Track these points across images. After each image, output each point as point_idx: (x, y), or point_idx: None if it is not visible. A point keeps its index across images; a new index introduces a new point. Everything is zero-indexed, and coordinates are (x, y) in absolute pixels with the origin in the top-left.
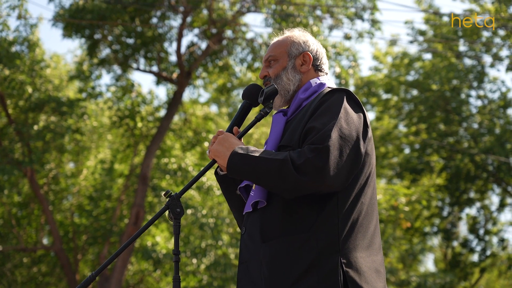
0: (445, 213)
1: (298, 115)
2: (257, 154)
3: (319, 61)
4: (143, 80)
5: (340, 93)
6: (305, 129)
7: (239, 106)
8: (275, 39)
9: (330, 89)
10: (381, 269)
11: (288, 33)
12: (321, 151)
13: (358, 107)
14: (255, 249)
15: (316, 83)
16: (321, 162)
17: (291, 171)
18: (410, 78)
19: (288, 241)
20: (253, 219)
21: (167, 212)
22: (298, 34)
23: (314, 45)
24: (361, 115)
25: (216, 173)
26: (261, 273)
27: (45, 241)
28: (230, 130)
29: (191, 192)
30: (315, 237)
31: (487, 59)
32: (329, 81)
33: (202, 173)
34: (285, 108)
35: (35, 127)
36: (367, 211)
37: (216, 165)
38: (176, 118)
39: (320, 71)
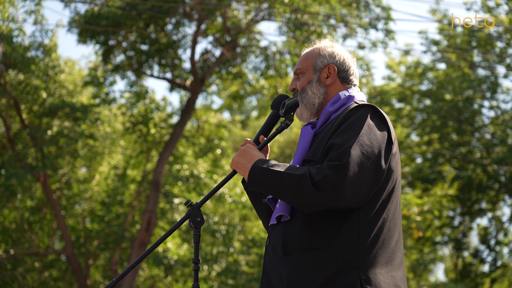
0: (456, 223)
1: (326, 128)
2: (277, 169)
3: (346, 72)
4: (157, 87)
5: (365, 109)
6: (327, 145)
7: (251, 113)
8: (304, 51)
9: (356, 104)
10: (401, 285)
11: (317, 44)
12: (339, 168)
13: (383, 123)
14: (277, 262)
15: (345, 95)
16: (338, 179)
17: (309, 187)
18: (423, 87)
19: (308, 256)
20: (277, 232)
21: (187, 221)
22: (325, 45)
23: (341, 56)
24: (385, 131)
25: (243, 182)
26: (281, 287)
27: (56, 245)
28: (257, 139)
29: None
30: (335, 253)
31: (501, 69)
32: (358, 93)
33: (223, 183)
34: (314, 120)
35: (49, 132)
36: (389, 227)
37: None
38: (189, 125)
39: (348, 82)
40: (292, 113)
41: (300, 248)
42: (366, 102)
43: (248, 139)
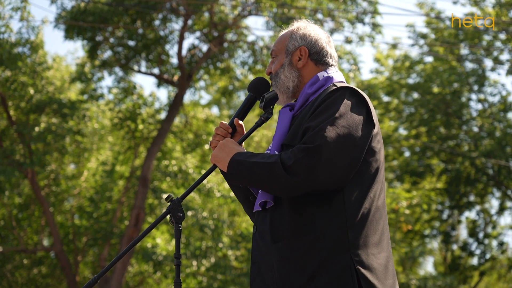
0: (445, 216)
1: (304, 110)
2: (252, 159)
3: (318, 54)
4: (145, 82)
5: (343, 90)
6: (303, 128)
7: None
8: (281, 33)
9: (335, 87)
10: (389, 266)
11: (293, 26)
12: (311, 151)
13: (361, 104)
14: (266, 250)
15: (323, 76)
16: (310, 161)
17: (282, 173)
18: (411, 81)
19: (297, 242)
20: (264, 218)
21: (168, 216)
22: (298, 27)
23: (313, 37)
24: (363, 111)
25: (224, 175)
26: (273, 275)
27: (45, 242)
28: (232, 122)
29: (192, 194)
30: (324, 236)
31: (488, 62)
32: (336, 73)
33: (203, 178)
34: (292, 102)
35: (36, 129)
36: (377, 207)
37: None
38: (177, 120)
39: (323, 64)
40: (271, 107)
41: (289, 235)
42: (345, 84)
43: (223, 122)
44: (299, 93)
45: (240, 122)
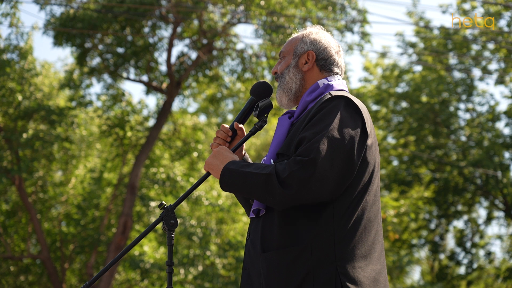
0: (432, 225)
1: (301, 118)
2: (246, 169)
3: (325, 60)
4: (133, 90)
5: (338, 100)
6: (298, 139)
7: (228, 116)
8: (293, 35)
9: (330, 95)
10: (380, 278)
11: (306, 30)
12: (305, 164)
13: (356, 115)
14: (256, 258)
15: (323, 84)
16: (305, 175)
17: (276, 185)
18: (399, 90)
19: (284, 253)
20: (256, 226)
21: (161, 223)
22: (310, 31)
23: (323, 44)
24: (359, 122)
25: None
26: (260, 284)
27: (32, 249)
28: (232, 125)
29: None
30: (311, 248)
31: (476, 72)
32: (338, 81)
33: (196, 185)
34: (292, 110)
35: (24, 135)
36: (368, 219)
37: None
38: (165, 128)
39: (327, 71)
40: (266, 115)
41: (277, 245)
42: (342, 93)
43: (224, 125)
44: (300, 97)
45: (241, 125)
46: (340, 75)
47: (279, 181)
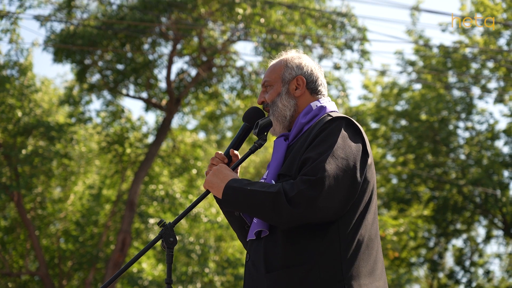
0: (431, 243)
1: (299, 140)
2: (251, 187)
3: (314, 83)
4: (133, 106)
5: (339, 121)
6: (302, 159)
7: (227, 133)
8: (271, 63)
9: (330, 117)
10: None
11: (283, 55)
12: (313, 183)
13: (357, 135)
14: (259, 279)
15: (316, 106)
16: (313, 194)
17: (284, 204)
18: (399, 108)
19: (291, 273)
20: (257, 247)
21: (160, 241)
22: (292, 56)
23: (308, 67)
24: (360, 143)
25: (217, 199)
26: None
27: (30, 266)
28: (227, 152)
29: None
30: (318, 267)
31: (476, 90)
32: (329, 103)
33: (196, 203)
34: (286, 132)
35: (23, 151)
36: (369, 237)
37: None
38: (164, 145)
39: (317, 93)
40: (265, 133)
41: (282, 265)
42: (340, 114)
43: (219, 152)
44: (293, 123)
45: (236, 152)
46: (326, 95)
47: (287, 199)
